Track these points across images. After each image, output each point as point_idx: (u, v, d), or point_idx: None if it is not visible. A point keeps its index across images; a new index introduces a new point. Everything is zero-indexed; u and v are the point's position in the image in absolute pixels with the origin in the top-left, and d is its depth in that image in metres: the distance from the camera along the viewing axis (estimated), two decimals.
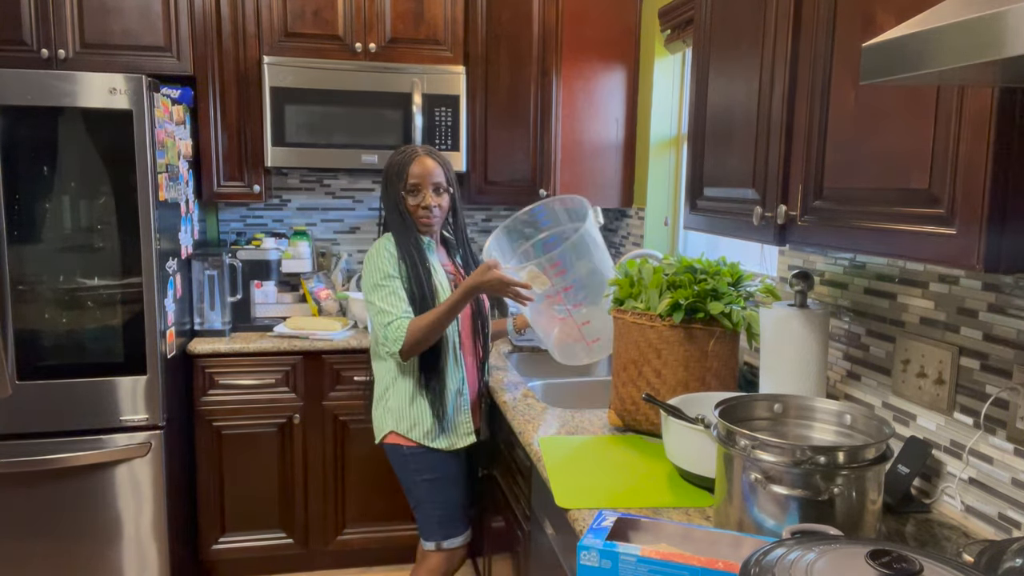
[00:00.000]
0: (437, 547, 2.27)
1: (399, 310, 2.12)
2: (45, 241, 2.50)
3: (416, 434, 2.22)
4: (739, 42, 1.63)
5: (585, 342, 2.26)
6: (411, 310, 2.14)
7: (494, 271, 2.08)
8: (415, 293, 2.15)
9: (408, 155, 2.22)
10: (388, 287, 2.15)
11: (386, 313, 2.12)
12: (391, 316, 2.11)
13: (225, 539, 2.99)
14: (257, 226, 3.46)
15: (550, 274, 2.16)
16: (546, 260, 2.17)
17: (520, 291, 2.10)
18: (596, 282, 2.24)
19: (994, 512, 1.39)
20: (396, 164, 2.22)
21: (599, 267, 2.25)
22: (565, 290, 2.21)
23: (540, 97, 3.05)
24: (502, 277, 2.08)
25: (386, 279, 2.15)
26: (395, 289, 2.15)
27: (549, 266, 2.16)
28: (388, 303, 2.13)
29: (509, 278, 2.09)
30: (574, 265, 2.20)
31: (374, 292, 2.16)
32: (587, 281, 2.23)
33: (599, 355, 2.28)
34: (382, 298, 2.14)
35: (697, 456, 1.59)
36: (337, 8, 3.05)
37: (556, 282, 2.18)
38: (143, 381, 2.60)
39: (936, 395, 1.52)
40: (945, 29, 0.77)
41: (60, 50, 2.80)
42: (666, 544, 1.26)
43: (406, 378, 2.23)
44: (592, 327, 2.25)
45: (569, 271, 2.20)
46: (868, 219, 1.22)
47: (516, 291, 2.10)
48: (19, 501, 2.57)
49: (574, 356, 2.29)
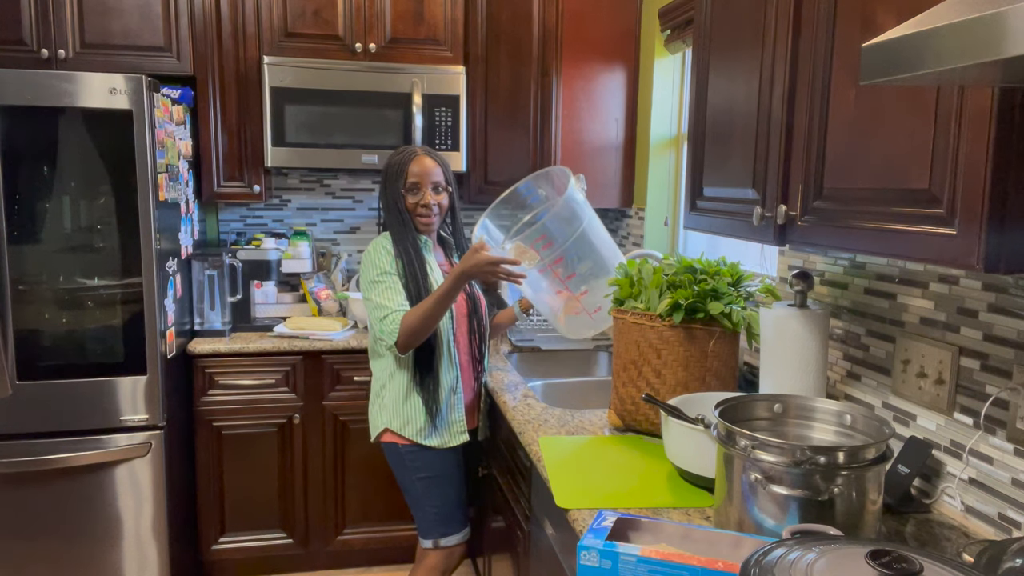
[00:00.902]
0: (435, 545, 2.27)
1: (395, 304, 2.13)
2: (45, 241, 2.50)
3: (409, 431, 2.23)
4: (739, 42, 1.63)
5: (588, 313, 2.23)
6: (407, 304, 2.15)
7: (481, 253, 2.05)
8: (412, 291, 2.16)
9: (407, 155, 2.23)
10: (384, 283, 2.16)
11: (382, 307, 2.13)
12: (387, 310, 2.12)
13: (225, 539, 2.99)
14: (257, 226, 3.46)
15: (538, 247, 2.12)
16: (532, 232, 2.12)
17: (510, 269, 2.06)
18: (586, 248, 2.18)
19: (994, 512, 1.39)
20: (395, 164, 2.23)
21: (588, 233, 2.18)
22: (556, 262, 2.15)
23: (540, 97, 3.05)
24: (490, 257, 2.04)
25: (382, 275, 2.16)
26: (391, 284, 2.16)
27: (536, 239, 2.12)
28: (384, 298, 2.14)
29: (497, 256, 2.05)
30: (561, 233, 2.14)
31: (371, 288, 2.17)
32: (577, 249, 2.16)
33: (603, 324, 2.25)
34: (378, 293, 2.15)
35: (697, 456, 1.59)
36: (337, 8, 3.05)
37: (545, 255, 2.12)
38: (143, 381, 2.60)
39: (936, 395, 1.52)
40: (945, 29, 0.77)
41: (60, 50, 2.80)
42: (666, 544, 1.26)
43: (401, 375, 2.24)
44: (591, 297, 2.22)
45: (556, 241, 2.14)
46: (868, 219, 1.22)
47: (506, 270, 2.06)
48: (19, 501, 2.57)
49: (581, 329, 2.27)
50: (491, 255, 2.05)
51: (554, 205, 2.24)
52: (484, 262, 2.04)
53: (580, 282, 2.21)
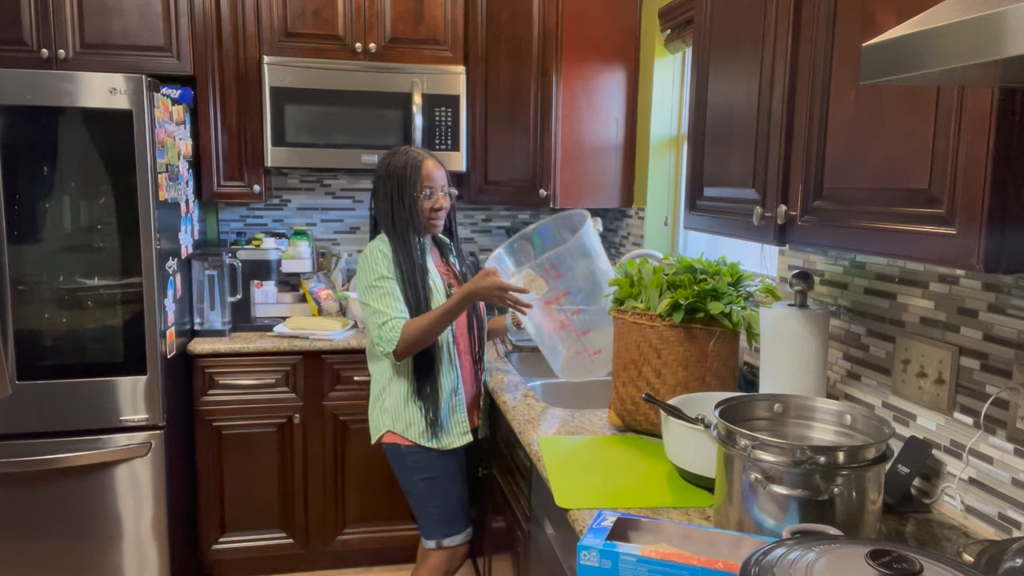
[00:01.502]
0: (438, 545, 2.27)
1: (394, 310, 2.13)
2: (45, 241, 2.50)
3: (412, 433, 2.23)
4: (739, 42, 1.63)
5: (588, 355, 2.26)
6: (406, 310, 2.16)
7: (491, 277, 2.11)
8: (410, 296, 2.17)
9: (415, 158, 2.22)
10: (383, 288, 2.16)
11: (381, 313, 2.13)
12: (386, 316, 2.13)
13: (225, 539, 2.99)
14: (257, 226, 3.46)
15: (548, 276, 2.16)
16: (544, 260, 2.17)
17: (517, 296, 2.13)
18: (596, 289, 2.23)
19: (994, 512, 1.39)
20: (405, 167, 2.21)
21: (598, 274, 2.24)
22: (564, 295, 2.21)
23: (540, 97, 3.05)
24: (500, 282, 2.11)
25: (380, 280, 2.16)
26: (390, 290, 2.16)
27: (546, 268, 2.16)
28: (383, 303, 2.14)
29: (506, 283, 2.12)
30: (573, 267, 2.19)
31: (369, 293, 2.17)
32: (586, 286, 2.22)
33: (601, 370, 2.28)
34: (377, 299, 2.15)
35: (697, 456, 1.59)
36: (337, 8, 3.05)
37: (554, 285, 2.18)
38: (143, 381, 2.60)
39: (936, 395, 1.52)
40: (945, 29, 0.77)
41: (60, 50, 2.80)
42: (666, 544, 1.26)
43: (401, 378, 2.24)
44: (593, 338, 2.25)
45: (566, 274, 2.19)
46: (868, 219, 1.22)
47: (514, 296, 2.12)
48: (19, 501, 2.57)
49: (577, 371, 2.29)
50: (501, 280, 2.11)
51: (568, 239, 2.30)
52: (493, 286, 2.10)
53: (586, 321, 2.24)
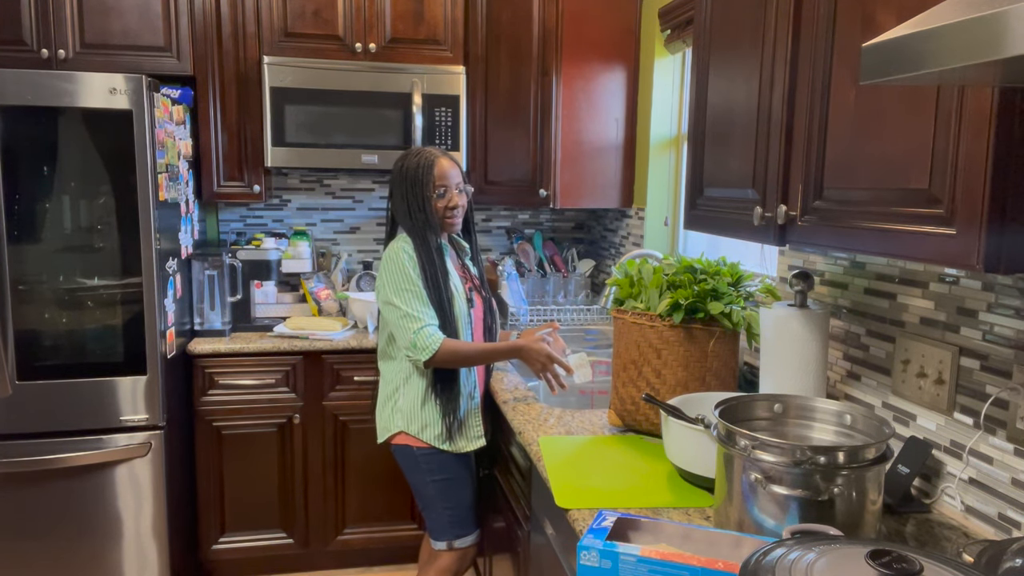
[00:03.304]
0: (449, 546, 2.26)
1: (427, 316, 2.11)
2: (45, 241, 2.50)
3: (428, 435, 2.22)
4: (739, 42, 1.63)
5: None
6: (436, 316, 2.14)
7: (544, 344, 2.13)
8: (432, 297, 2.14)
9: (428, 157, 2.20)
10: (412, 291, 2.13)
11: (414, 319, 2.10)
12: (420, 322, 2.10)
13: (225, 539, 2.99)
14: (257, 226, 3.46)
15: (599, 369, 2.15)
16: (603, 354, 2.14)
17: (559, 373, 2.14)
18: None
19: (994, 512, 1.39)
20: (418, 167, 2.19)
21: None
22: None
23: (540, 97, 3.05)
24: (550, 353, 2.12)
25: (408, 282, 2.13)
26: (418, 293, 2.13)
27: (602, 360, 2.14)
28: (413, 307, 2.11)
29: (556, 356, 2.13)
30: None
31: (397, 295, 2.13)
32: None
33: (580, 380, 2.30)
34: (406, 301, 2.12)
35: (697, 456, 1.59)
36: (337, 8, 3.04)
37: (599, 380, 2.16)
38: (143, 381, 2.60)
39: (936, 395, 1.52)
40: (945, 29, 0.77)
41: (60, 50, 2.80)
42: (666, 544, 1.26)
43: (419, 380, 2.22)
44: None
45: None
46: (868, 219, 1.22)
47: (555, 371, 2.13)
48: (19, 501, 2.57)
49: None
50: (552, 352, 2.13)
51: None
52: (543, 353, 2.13)
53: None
